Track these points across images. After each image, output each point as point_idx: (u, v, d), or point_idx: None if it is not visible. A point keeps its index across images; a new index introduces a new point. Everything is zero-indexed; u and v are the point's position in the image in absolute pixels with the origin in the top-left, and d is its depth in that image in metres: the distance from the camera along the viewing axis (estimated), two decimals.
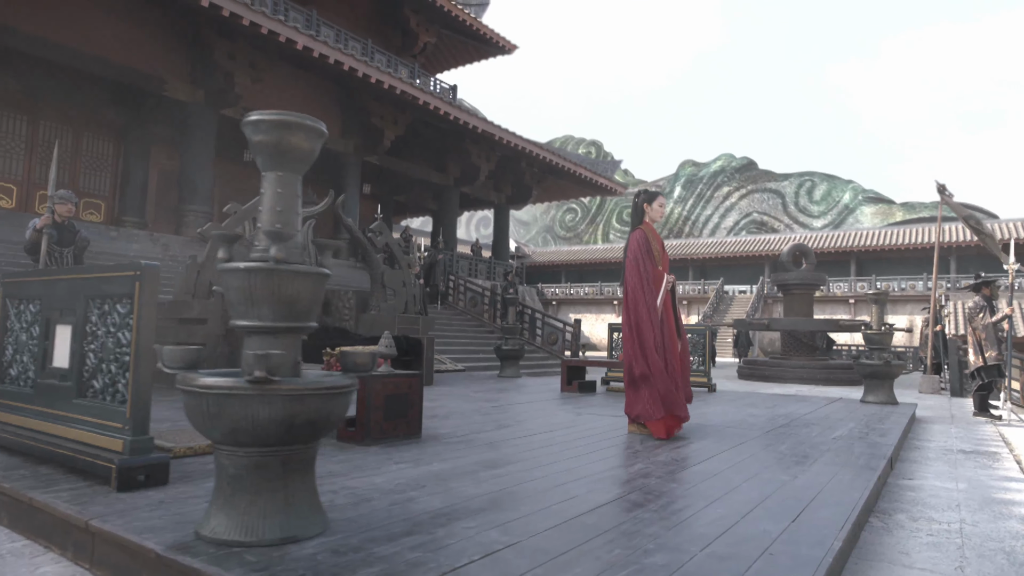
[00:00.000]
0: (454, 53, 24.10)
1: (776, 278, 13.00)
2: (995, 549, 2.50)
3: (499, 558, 1.69)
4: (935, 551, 2.44)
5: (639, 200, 4.34)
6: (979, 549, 2.50)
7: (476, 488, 2.48)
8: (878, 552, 2.35)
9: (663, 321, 4.07)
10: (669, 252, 36.64)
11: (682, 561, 1.72)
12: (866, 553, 2.31)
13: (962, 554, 2.41)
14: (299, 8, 16.48)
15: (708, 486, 2.65)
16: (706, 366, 7.75)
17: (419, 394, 3.65)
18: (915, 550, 2.43)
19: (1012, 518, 3.01)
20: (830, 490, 2.67)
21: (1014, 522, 2.93)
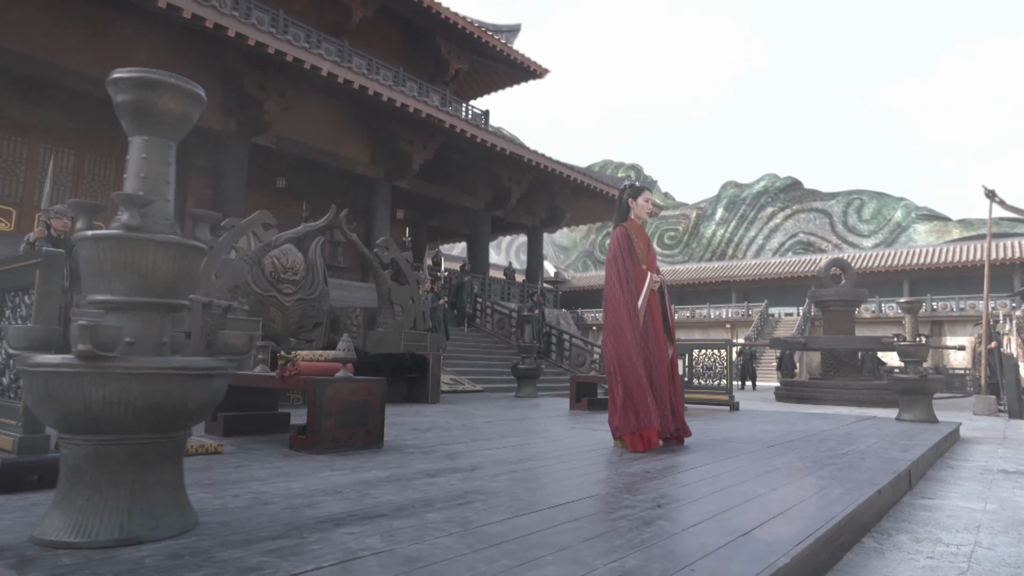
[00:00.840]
0: (486, 79, 24.34)
1: (814, 295, 12.37)
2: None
3: (353, 566, 1.45)
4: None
5: (624, 195, 4.07)
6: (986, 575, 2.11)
7: (396, 496, 2.23)
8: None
9: (648, 325, 3.76)
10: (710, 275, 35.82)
11: (576, 574, 1.44)
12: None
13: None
14: (332, 40, 16.93)
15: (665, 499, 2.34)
16: (728, 383, 7.30)
17: (380, 402, 3.43)
18: (904, 574, 2.06)
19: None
20: (808, 504, 2.32)
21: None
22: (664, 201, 45.01)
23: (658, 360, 3.73)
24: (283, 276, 7.28)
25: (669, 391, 3.78)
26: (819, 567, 1.91)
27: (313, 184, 18.18)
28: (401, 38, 21.09)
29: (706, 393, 7.37)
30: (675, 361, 3.97)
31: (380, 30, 20.22)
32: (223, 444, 3.35)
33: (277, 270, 7.22)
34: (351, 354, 3.42)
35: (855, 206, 39.55)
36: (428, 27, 20.64)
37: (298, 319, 7.45)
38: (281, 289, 7.28)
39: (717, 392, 7.27)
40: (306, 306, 7.53)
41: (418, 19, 20.17)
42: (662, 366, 3.74)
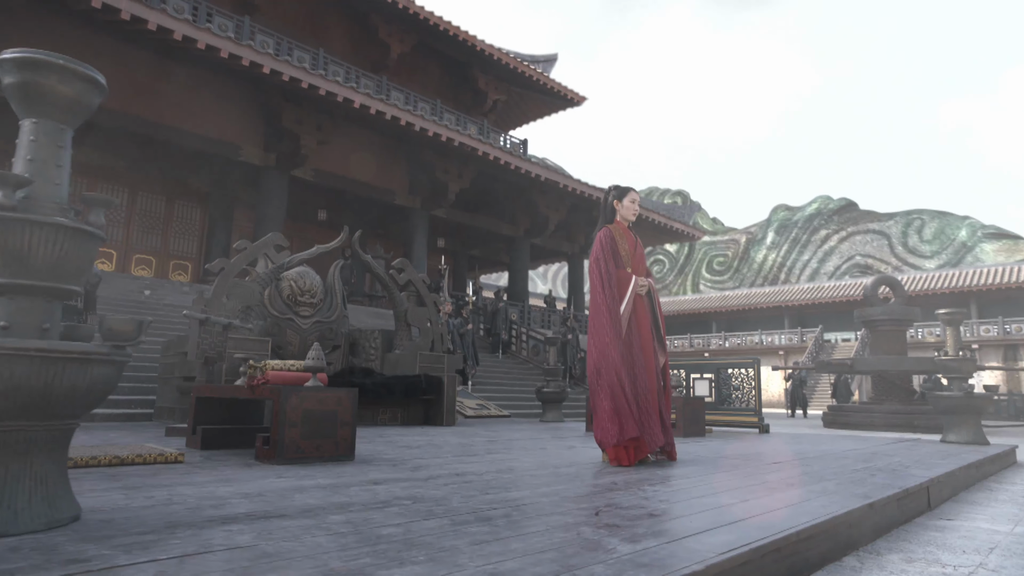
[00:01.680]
0: (525, 108, 24.56)
1: (861, 315, 11.73)
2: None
3: (194, 559, 1.32)
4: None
5: (609, 197, 3.89)
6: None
7: (318, 500, 2.10)
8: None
9: (633, 331, 3.55)
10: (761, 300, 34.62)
11: (438, 572, 1.28)
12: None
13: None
14: (371, 76, 17.40)
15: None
16: (756, 404, 6.91)
17: (351, 413, 3.32)
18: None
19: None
20: (774, 515, 2.07)
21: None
22: (712, 226, 44.16)
23: (644, 368, 3.50)
24: (300, 299, 7.33)
25: (659, 402, 3.54)
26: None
27: (353, 215, 18.56)
28: (439, 72, 21.56)
29: (733, 415, 6.99)
30: (667, 371, 3.73)
31: (418, 65, 20.73)
32: (190, 454, 3.30)
33: (294, 293, 7.28)
34: (321, 363, 3.34)
35: (915, 226, 37.80)
36: (465, 60, 21.05)
37: (316, 341, 7.47)
38: (298, 312, 7.33)
39: (744, 414, 6.88)
40: (324, 329, 7.56)
41: (455, 53, 20.59)
42: (649, 374, 3.51)
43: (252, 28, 14.99)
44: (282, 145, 14.30)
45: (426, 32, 19.19)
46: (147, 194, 15.57)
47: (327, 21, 18.44)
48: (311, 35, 17.86)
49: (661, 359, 3.67)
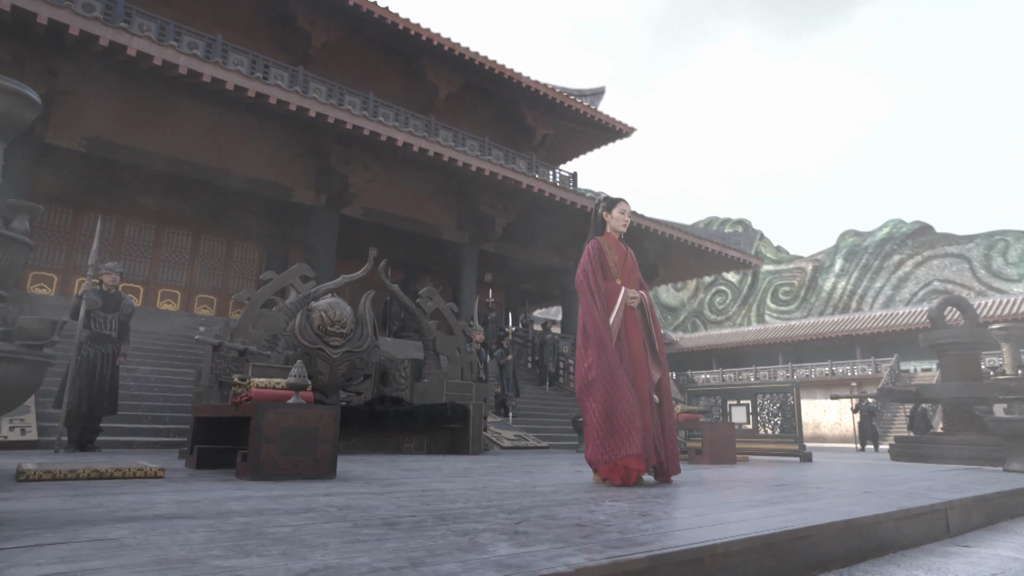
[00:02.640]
0: (573, 141, 24.70)
1: (926, 339, 10.97)
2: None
3: (38, 551, 1.31)
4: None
5: (599, 209, 3.81)
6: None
7: (242, 506, 2.08)
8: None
9: (624, 343, 3.41)
10: (830, 329, 32.99)
11: (286, 565, 1.22)
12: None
13: None
14: (420, 116, 17.94)
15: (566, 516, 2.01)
16: (797, 431, 6.51)
17: (332, 430, 3.31)
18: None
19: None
20: (727, 527, 1.90)
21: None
22: (776, 255, 42.77)
23: (636, 382, 3.34)
24: (330, 329, 7.47)
25: (653, 417, 3.36)
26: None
27: (402, 251, 18.95)
28: (488, 109, 22.00)
29: (772, 443, 6.61)
30: (665, 386, 3.55)
31: (466, 104, 21.24)
32: (180, 472, 3.35)
33: (324, 323, 7.43)
34: (303, 381, 3.35)
35: (999, 248, 35.40)
36: (512, 98, 21.44)
37: (346, 371, 7.58)
38: (328, 342, 7.46)
39: (784, 441, 6.49)
40: (354, 358, 7.66)
41: (502, 91, 21.02)
42: (641, 389, 3.35)
43: (306, 77, 15.76)
44: (331, 185, 14.83)
45: (473, 72, 19.69)
46: (209, 237, 16.39)
47: (378, 67, 19.21)
48: (363, 81, 18.61)
49: (656, 375, 3.51)
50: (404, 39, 17.91)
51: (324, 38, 17.40)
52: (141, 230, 15.21)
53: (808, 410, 31.03)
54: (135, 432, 6.74)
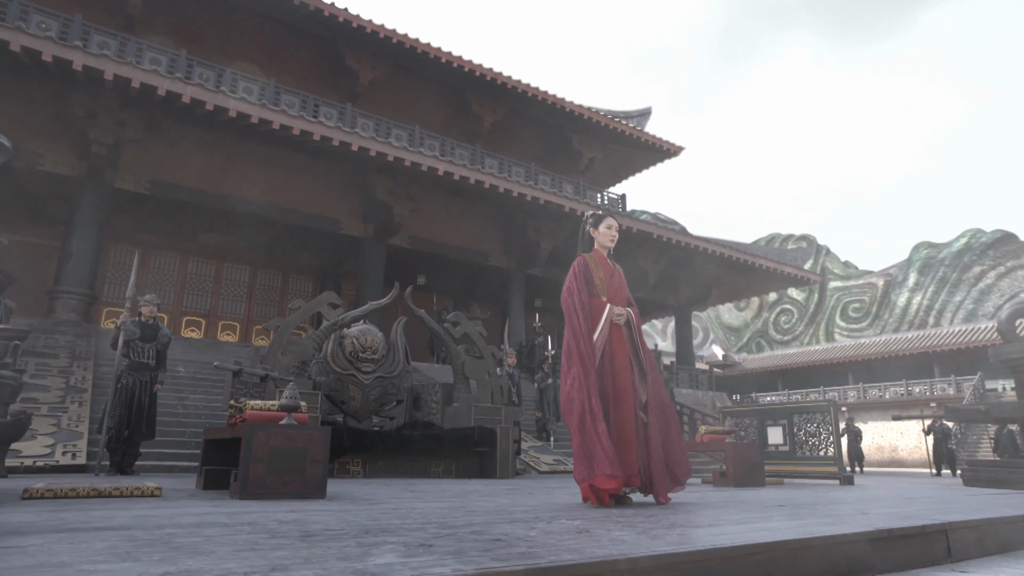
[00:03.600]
0: (621, 163, 24.62)
1: (996, 354, 10.23)
2: None
3: None
4: None
5: (586, 225, 3.79)
6: None
7: (194, 520, 2.16)
8: None
9: (608, 362, 3.35)
10: (903, 347, 31.17)
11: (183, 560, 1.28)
12: None
13: None
14: (465, 146, 18.25)
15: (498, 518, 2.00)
16: (836, 451, 6.18)
17: (322, 450, 3.39)
18: None
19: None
20: (647, 546, 1.85)
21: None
22: (844, 271, 41.04)
23: (621, 400, 3.28)
24: (362, 355, 7.64)
25: (639, 437, 3.28)
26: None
27: (451, 278, 19.25)
28: (533, 136, 22.24)
29: (810, 464, 6.29)
30: (656, 403, 3.45)
31: (512, 131, 21.54)
32: (185, 492, 3.49)
33: (356, 350, 7.62)
34: (295, 402, 3.46)
35: None
36: (557, 123, 21.61)
37: (378, 396, 7.72)
38: (360, 368, 7.64)
39: (823, 463, 6.17)
40: (386, 384, 7.80)
41: (547, 117, 21.23)
42: (627, 407, 3.28)
43: (354, 113, 16.33)
44: (377, 216, 15.27)
45: (517, 100, 19.99)
46: (266, 271, 17.10)
47: (424, 100, 19.76)
48: (409, 114, 19.17)
49: (643, 394, 3.43)
50: (448, 72, 18.40)
51: (371, 76, 18.08)
52: (203, 265, 16.02)
53: (883, 432, 29.37)
54: (178, 457, 7.05)
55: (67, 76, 10.71)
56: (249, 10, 16.04)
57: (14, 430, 5.19)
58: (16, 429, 5.21)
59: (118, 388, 5.69)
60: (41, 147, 11.94)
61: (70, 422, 7.01)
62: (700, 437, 5.72)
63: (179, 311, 15.34)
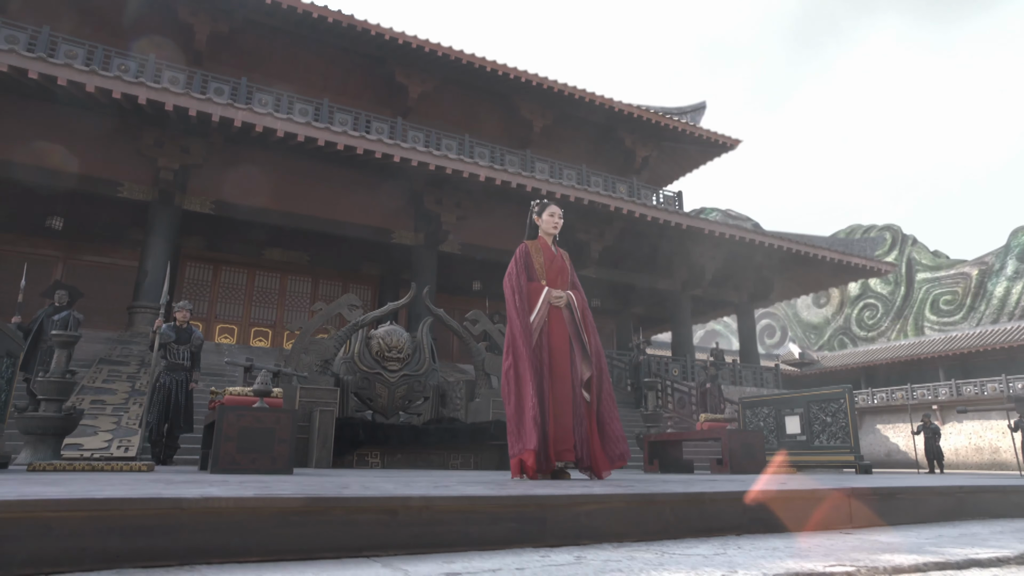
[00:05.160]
0: (677, 159, 24.26)
1: None
2: None
3: None
4: None
5: (532, 214, 3.94)
6: None
7: (126, 488, 2.49)
8: None
9: (544, 342, 3.49)
10: (1000, 339, 28.99)
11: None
12: None
13: None
14: (515, 152, 18.50)
15: None
16: (852, 440, 5.97)
17: (289, 431, 3.70)
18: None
19: None
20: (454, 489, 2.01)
21: None
22: (933, 261, 38.51)
23: (558, 378, 3.41)
24: (388, 355, 8.02)
25: (578, 413, 3.40)
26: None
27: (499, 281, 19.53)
28: (584, 138, 22.28)
29: (824, 453, 6.09)
30: (598, 383, 3.55)
31: (562, 135, 21.68)
32: (175, 470, 3.89)
33: (382, 349, 8.00)
34: (266, 388, 3.79)
35: None
36: (609, 124, 21.58)
37: (404, 394, 8.06)
38: (386, 367, 8.01)
39: (839, 452, 5.99)
40: (412, 382, 8.13)
41: (597, 119, 21.24)
42: (564, 385, 3.40)
43: (404, 127, 16.94)
44: (428, 225, 15.78)
45: (564, 103, 20.13)
46: (327, 282, 17.97)
47: (473, 110, 20.23)
48: (459, 124, 19.69)
49: (586, 372, 3.54)
50: (495, 80, 18.78)
51: (420, 90, 18.71)
52: (268, 279, 17.04)
53: (981, 432, 27.35)
54: None
55: (136, 110, 11.76)
56: (303, 36, 17.00)
57: (67, 424, 5.82)
58: (68, 423, 5.84)
59: (156, 387, 6.28)
60: (119, 176, 13.13)
61: (129, 421, 7.73)
62: (700, 425, 5.68)
63: (247, 322, 16.36)
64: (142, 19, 15.70)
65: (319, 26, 16.40)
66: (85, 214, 14.18)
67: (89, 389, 8.71)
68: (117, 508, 1.43)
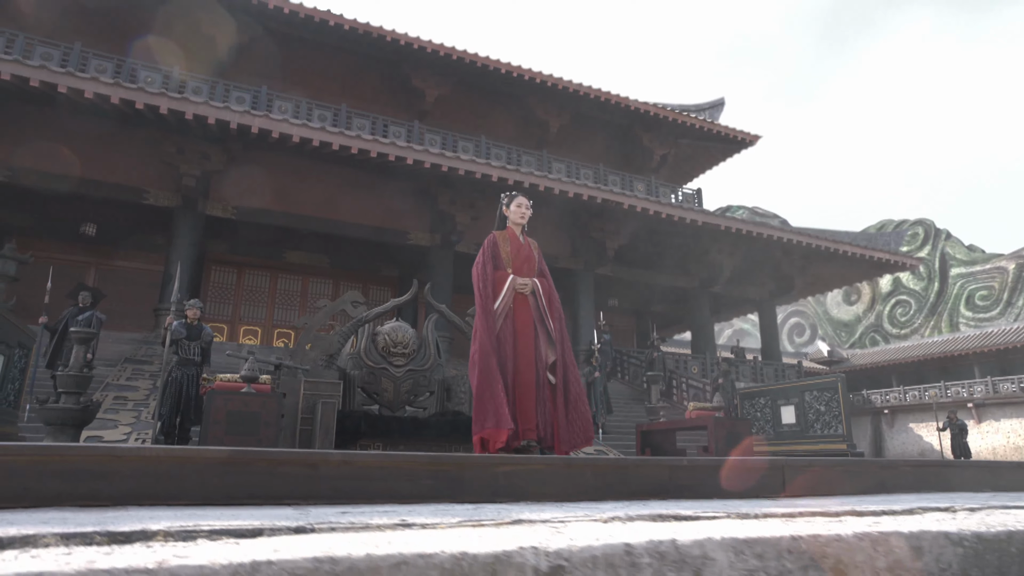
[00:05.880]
0: (696, 157, 24.13)
1: None
2: None
3: None
4: None
5: (501, 205, 4.10)
6: None
7: None
8: None
9: (509, 327, 3.63)
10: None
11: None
12: None
13: None
14: (532, 153, 18.66)
15: None
16: (844, 428, 5.99)
17: (275, 415, 3.92)
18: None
19: None
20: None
21: None
22: (968, 255, 37.55)
23: (521, 362, 3.55)
24: (394, 350, 8.22)
25: (542, 395, 3.54)
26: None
27: None
28: (601, 137, 22.34)
29: (817, 442, 6.11)
30: (563, 367, 3.68)
31: (579, 135, 21.76)
32: None
33: (388, 345, 8.21)
34: (253, 374, 4.01)
35: None
36: (626, 122, 21.61)
37: (410, 388, 8.26)
38: (392, 362, 8.21)
39: (831, 440, 6.01)
40: (417, 376, 8.33)
41: (613, 118, 21.30)
42: (527, 368, 3.55)
43: (421, 130, 17.23)
44: (443, 226, 16.03)
45: (581, 103, 20.23)
46: (347, 284, 18.33)
47: (489, 112, 20.45)
48: (476, 126, 19.91)
49: (551, 356, 3.69)
50: (511, 82, 18.98)
51: (436, 93, 19.00)
52: (290, 282, 17.47)
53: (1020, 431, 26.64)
54: None
55: (159, 119, 12.24)
56: (321, 44, 17.43)
57: (84, 415, 6.16)
58: (86, 415, 6.18)
59: (168, 381, 6.59)
60: (145, 184, 13.65)
61: (148, 416, 8.09)
62: (689, 413, 5.77)
63: (270, 324, 16.80)
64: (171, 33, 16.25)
65: (336, 33, 16.79)
66: (114, 221, 14.76)
67: (113, 386, 9.12)
68: (57, 454, 1.62)
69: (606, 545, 1.20)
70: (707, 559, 1.25)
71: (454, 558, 1.06)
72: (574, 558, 1.15)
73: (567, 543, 1.18)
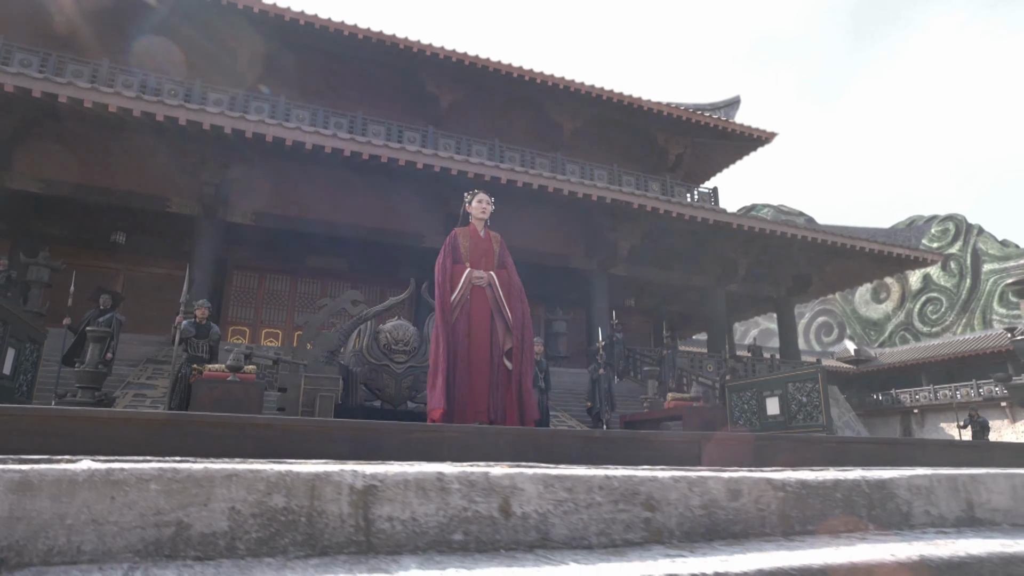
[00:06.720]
0: (712, 156, 24.09)
1: None
2: None
3: None
4: None
5: (464, 203, 4.36)
6: None
7: None
8: None
9: (464, 318, 3.89)
10: None
11: None
12: None
13: None
14: (545, 155, 18.92)
15: None
16: (824, 418, 6.10)
17: (256, 403, 4.23)
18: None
19: None
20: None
21: None
22: (1001, 251, 36.62)
23: (476, 350, 3.80)
24: (395, 347, 8.54)
25: (496, 379, 3.79)
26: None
27: (535, 284, 19.86)
28: (616, 138, 22.45)
29: (798, 432, 6.22)
30: (519, 354, 3.92)
31: (593, 136, 21.91)
32: None
33: (389, 342, 8.53)
34: (238, 364, 4.33)
35: None
36: (639, 124, 21.71)
37: (411, 384, 8.57)
38: (393, 359, 8.53)
39: (812, 429, 6.12)
40: (418, 372, 8.62)
41: (627, 119, 21.42)
42: (480, 355, 3.79)
43: (436, 135, 17.61)
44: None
45: (595, 105, 20.41)
46: (366, 287, 18.72)
47: (504, 115, 20.72)
48: (490, 130, 20.19)
49: (508, 343, 3.93)
50: (525, 86, 19.26)
51: (451, 99, 19.37)
52: (310, 286, 17.97)
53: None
54: None
55: (180, 130, 12.79)
56: (337, 55, 17.93)
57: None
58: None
59: (178, 377, 6.99)
60: (167, 192, 14.25)
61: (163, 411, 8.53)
62: (668, 404, 5.93)
63: (290, 327, 17.31)
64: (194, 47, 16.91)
65: (353, 43, 17.27)
66: (141, 229, 15.41)
67: (134, 385, 9.61)
68: (12, 414, 1.92)
69: (419, 472, 1.43)
70: (516, 488, 1.47)
71: (279, 474, 1.30)
72: (388, 480, 1.40)
73: (384, 470, 1.43)
